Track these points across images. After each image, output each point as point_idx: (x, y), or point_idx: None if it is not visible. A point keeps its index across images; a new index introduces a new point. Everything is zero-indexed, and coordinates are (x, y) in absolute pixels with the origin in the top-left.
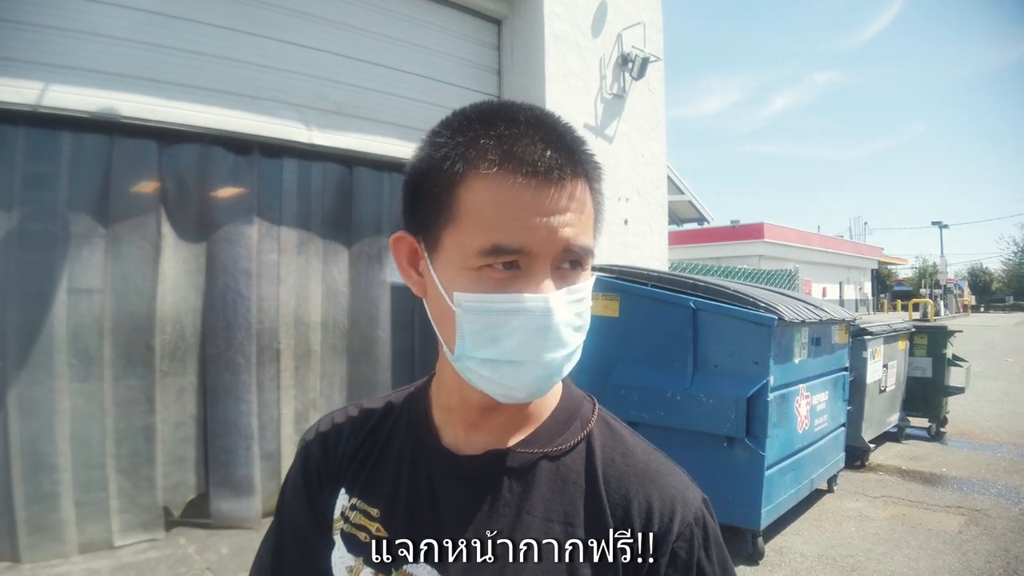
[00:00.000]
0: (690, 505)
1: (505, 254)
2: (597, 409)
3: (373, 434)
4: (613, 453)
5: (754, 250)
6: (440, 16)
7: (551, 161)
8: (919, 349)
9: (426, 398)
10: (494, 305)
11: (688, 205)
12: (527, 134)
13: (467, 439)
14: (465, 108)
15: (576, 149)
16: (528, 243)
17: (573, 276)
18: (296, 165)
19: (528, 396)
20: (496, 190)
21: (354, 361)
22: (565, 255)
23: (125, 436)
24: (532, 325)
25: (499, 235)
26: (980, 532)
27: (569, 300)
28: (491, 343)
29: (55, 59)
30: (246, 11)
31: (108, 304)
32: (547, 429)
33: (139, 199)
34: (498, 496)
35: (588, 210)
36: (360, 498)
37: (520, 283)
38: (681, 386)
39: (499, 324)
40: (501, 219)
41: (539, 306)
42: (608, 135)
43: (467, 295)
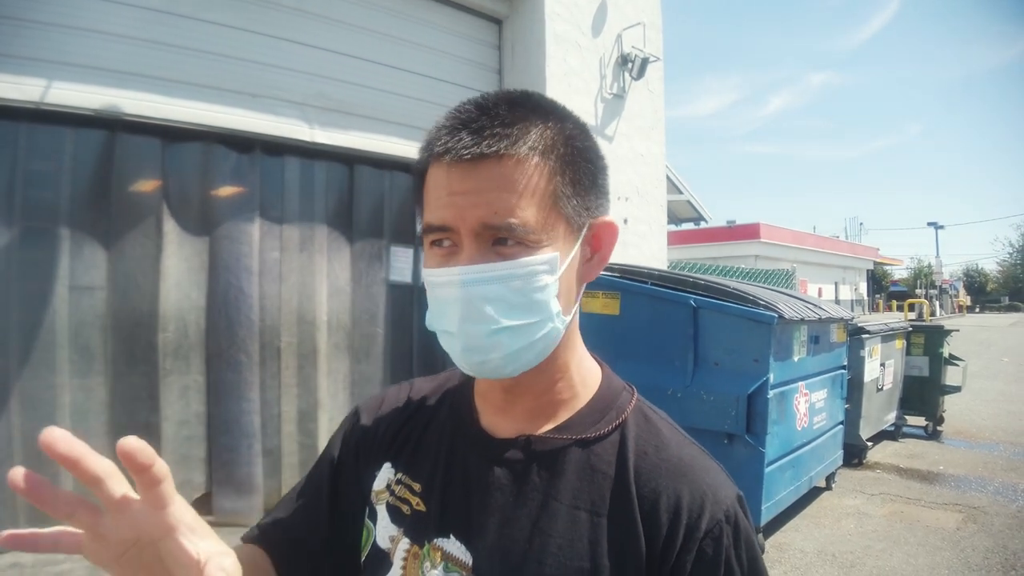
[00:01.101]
0: (721, 502)
1: (432, 232)
2: (635, 399)
3: (419, 411)
4: (646, 445)
5: (750, 250)
6: (441, 15)
7: (464, 142)
8: (916, 348)
9: (470, 382)
10: (431, 278)
11: (687, 205)
12: (460, 120)
13: (500, 423)
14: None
15: (510, 126)
16: (445, 220)
17: (511, 253)
18: (298, 163)
19: (471, 368)
20: (430, 176)
21: (356, 359)
22: (489, 232)
23: (127, 433)
24: (451, 296)
25: (429, 215)
26: (978, 529)
27: (489, 275)
28: (436, 315)
29: (58, 56)
30: (249, 9)
31: (110, 301)
32: (581, 417)
33: (141, 196)
34: (526, 480)
35: (528, 186)
36: (405, 473)
37: (453, 259)
38: (682, 383)
39: (436, 297)
40: (430, 201)
41: (451, 279)
42: (608, 135)
43: (425, 270)
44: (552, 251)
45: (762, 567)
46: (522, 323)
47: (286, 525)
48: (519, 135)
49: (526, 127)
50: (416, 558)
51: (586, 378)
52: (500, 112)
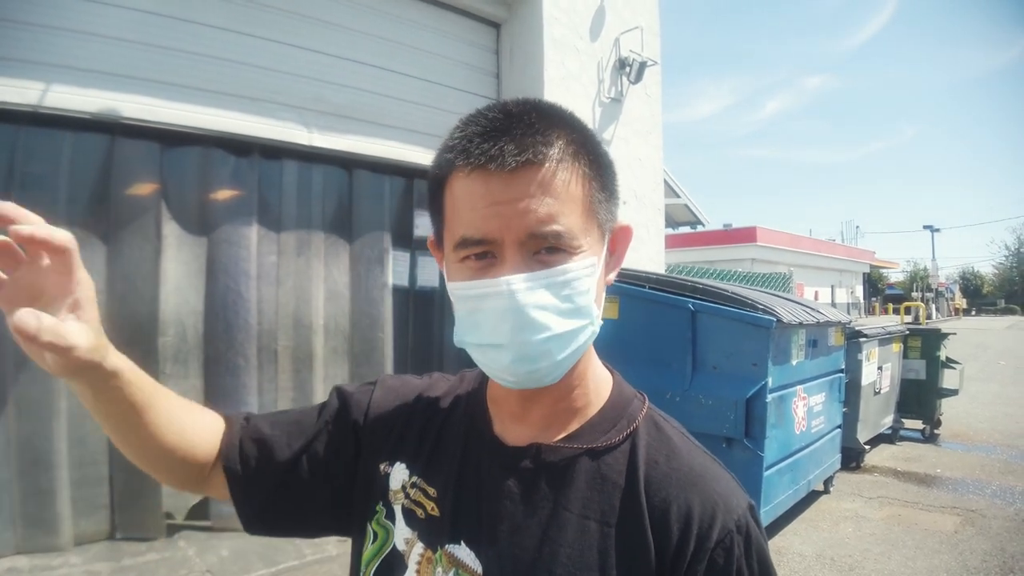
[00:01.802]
0: (732, 511)
1: (471, 245)
2: (646, 408)
3: (436, 412)
4: (657, 454)
5: (747, 254)
6: (440, 20)
7: (502, 150)
8: (913, 351)
9: (483, 387)
10: (469, 291)
11: (684, 208)
12: (491, 129)
13: (513, 430)
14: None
15: (547, 132)
16: (487, 233)
17: (555, 260)
18: (296, 167)
19: (517, 379)
20: (460, 186)
21: (355, 363)
22: (535, 241)
23: None
24: (499, 308)
25: (463, 228)
26: (976, 532)
27: (540, 284)
28: (474, 328)
29: (56, 59)
30: (247, 13)
31: (109, 306)
32: (592, 426)
33: (140, 200)
34: (537, 489)
35: (567, 193)
36: (421, 476)
37: (494, 270)
38: (680, 387)
39: (476, 309)
40: (464, 212)
41: (500, 289)
42: (606, 139)
43: (454, 284)
44: (591, 255)
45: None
46: (571, 328)
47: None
48: (555, 141)
49: (558, 133)
50: (429, 563)
51: (599, 386)
52: (532, 119)
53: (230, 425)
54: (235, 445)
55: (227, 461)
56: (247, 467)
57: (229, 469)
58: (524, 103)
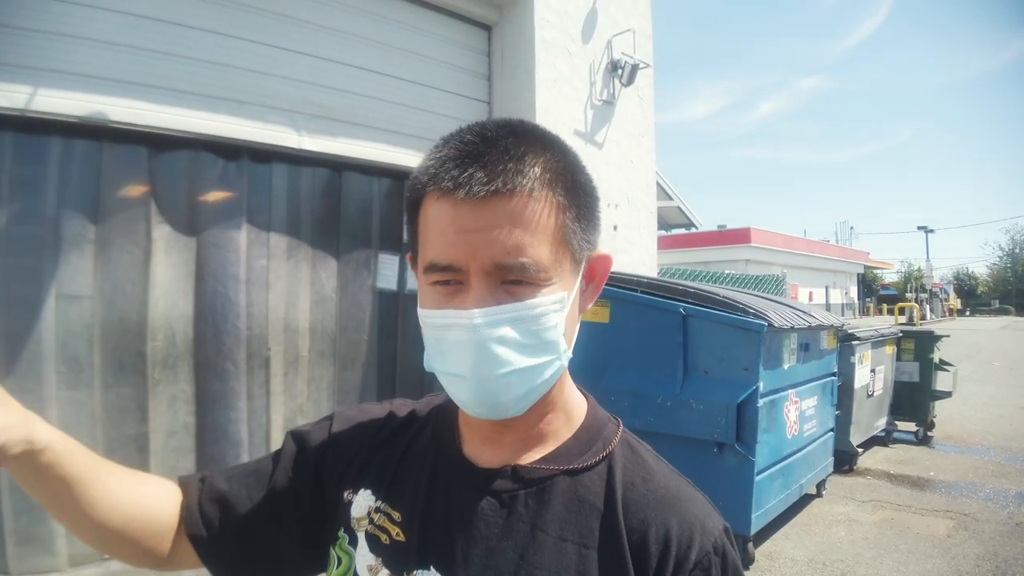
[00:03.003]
0: (709, 533)
1: (437, 271)
2: (621, 431)
3: (398, 435)
4: (634, 476)
5: (741, 255)
6: (430, 22)
7: (471, 177)
8: (906, 354)
9: (454, 409)
10: (434, 320)
11: (676, 210)
12: (463, 152)
13: (485, 453)
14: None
15: (524, 161)
16: (454, 260)
17: (522, 292)
18: (285, 170)
19: (482, 411)
20: (431, 210)
21: (341, 367)
22: (501, 272)
23: (117, 445)
24: (461, 340)
25: (431, 252)
26: (969, 536)
27: (502, 319)
28: (439, 356)
29: (44, 63)
30: (236, 16)
31: (98, 310)
32: (568, 448)
33: (128, 204)
34: (513, 511)
35: (539, 223)
36: (385, 501)
37: (459, 299)
38: (671, 392)
39: (441, 338)
40: (434, 237)
41: (462, 322)
42: (598, 141)
43: (423, 310)
44: (561, 289)
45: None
46: (534, 363)
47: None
48: (528, 170)
49: (533, 160)
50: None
51: (573, 410)
52: (508, 145)
53: (186, 489)
54: (194, 509)
55: (189, 527)
56: (211, 529)
57: (193, 535)
58: (503, 126)
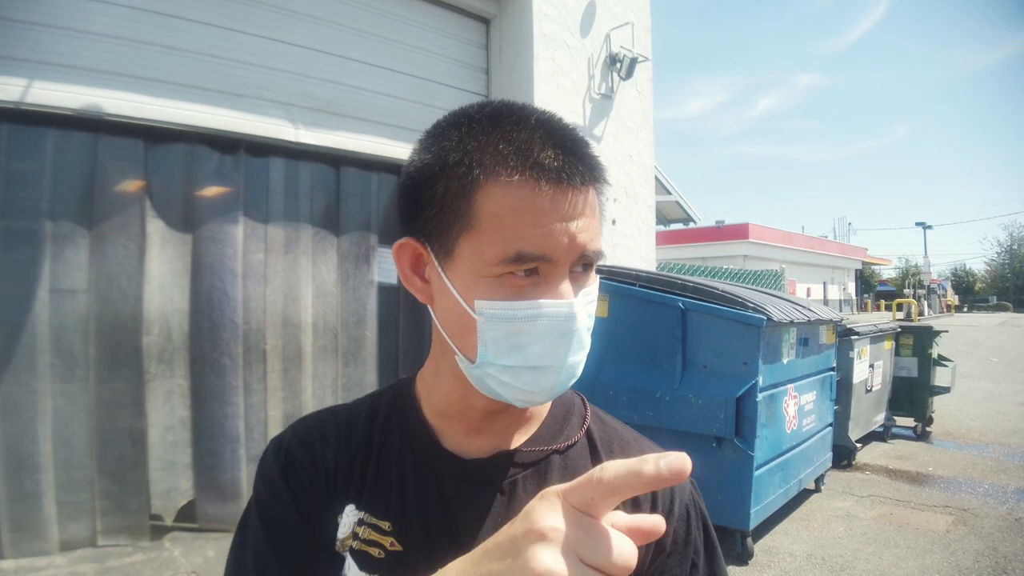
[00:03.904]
0: (684, 488)
1: (528, 261)
2: (588, 404)
3: (364, 442)
4: (611, 445)
5: (739, 250)
6: (428, 15)
7: (567, 166)
8: (905, 349)
9: (414, 404)
10: (518, 312)
11: (675, 205)
12: (542, 139)
13: (471, 443)
14: (467, 109)
15: (587, 153)
16: (550, 250)
17: (585, 278)
18: (283, 164)
19: (547, 399)
20: (517, 196)
21: (343, 362)
22: (581, 259)
23: (111, 438)
24: (557, 330)
25: (522, 243)
26: (968, 531)
27: (586, 303)
28: (515, 350)
29: (39, 56)
30: (233, 8)
31: (92, 305)
32: (548, 427)
33: (124, 198)
34: (514, 496)
35: (597, 212)
36: (368, 512)
37: (540, 289)
38: (670, 387)
39: (523, 331)
40: (522, 226)
41: (563, 311)
42: (596, 135)
43: (490, 303)
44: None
45: (716, 541)
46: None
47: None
48: (594, 161)
49: (592, 153)
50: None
51: None
52: (576, 135)
53: None
54: None
55: None
56: None
57: None
58: (553, 117)
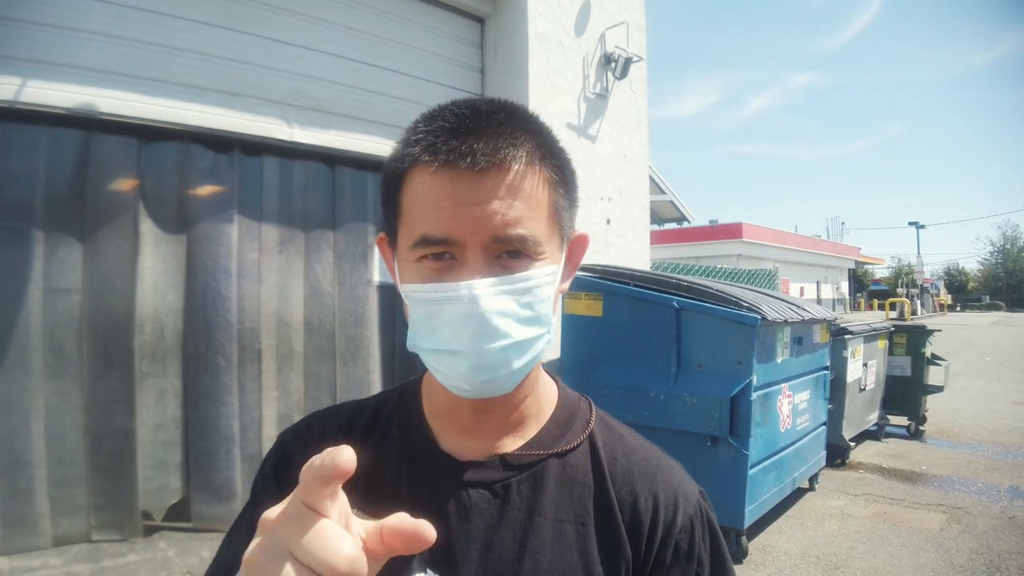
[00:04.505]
0: (690, 498)
1: (432, 244)
2: (594, 409)
3: (363, 439)
4: (615, 451)
5: (733, 250)
6: (423, 14)
7: (474, 149)
8: (898, 348)
9: (417, 403)
10: (428, 294)
11: (669, 205)
12: (459, 126)
13: (465, 444)
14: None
15: (517, 135)
16: (452, 233)
17: (517, 266)
18: (277, 163)
19: (474, 388)
20: (424, 182)
21: (342, 362)
22: (498, 245)
23: (103, 436)
24: (460, 313)
25: (426, 226)
26: (962, 530)
27: (502, 289)
28: (431, 332)
29: (32, 54)
30: (226, 7)
31: (85, 304)
32: (549, 431)
33: (117, 197)
34: (507, 500)
35: (534, 197)
36: (361, 510)
37: (452, 273)
38: (664, 386)
39: (435, 313)
40: (427, 210)
41: (463, 294)
42: (591, 134)
43: (410, 286)
44: (552, 263)
45: (726, 555)
46: (529, 336)
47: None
48: (523, 143)
49: (527, 136)
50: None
51: (547, 392)
52: (502, 119)
53: None
54: None
55: None
56: None
57: None
58: (493, 102)
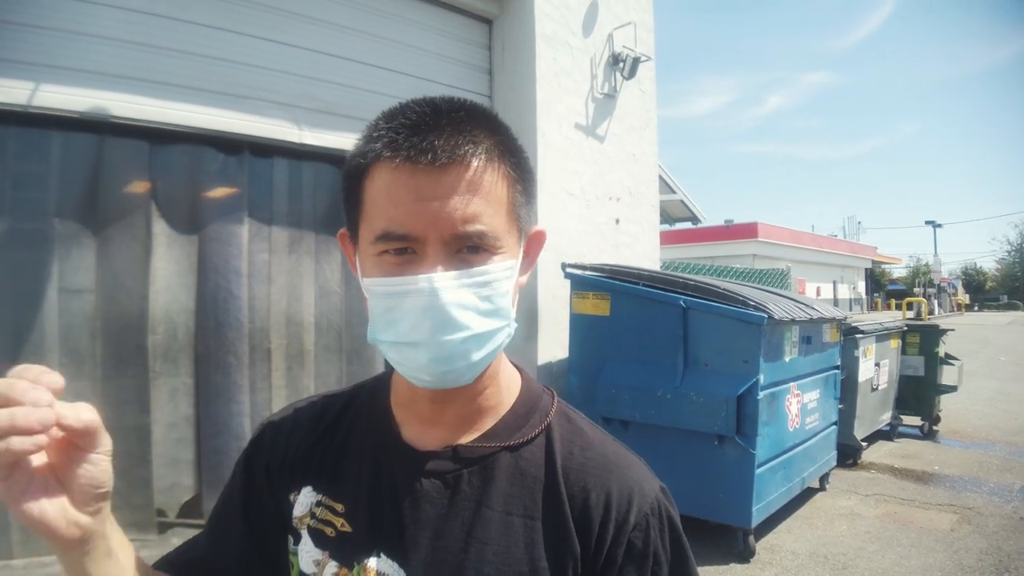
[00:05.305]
0: (647, 496)
1: (393, 240)
2: (556, 402)
3: (333, 428)
4: (572, 445)
5: (748, 249)
6: (431, 16)
7: (434, 145)
8: (911, 348)
9: (386, 393)
10: (387, 288)
11: (680, 205)
12: (419, 123)
13: (425, 434)
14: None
15: (475, 132)
16: (413, 228)
17: (476, 260)
18: (287, 165)
19: (433, 379)
20: (384, 178)
21: (349, 361)
22: (458, 240)
23: (117, 436)
24: (419, 306)
25: (385, 222)
26: (972, 530)
27: (462, 283)
28: (391, 325)
29: (45, 59)
30: (236, 11)
31: (99, 304)
32: (506, 423)
33: (129, 199)
34: (457, 491)
35: (493, 193)
36: (326, 494)
37: (413, 267)
38: (671, 385)
39: (395, 306)
40: (388, 206)
41: (423, 287)
42: (599, 135)
43: (371, 280)
44: (510, 257)
45: (687, 554)
46: (488, 328)
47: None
48: (482, 141)
49: (485, 133)
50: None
51: (510, 383)
52: (461, 117)
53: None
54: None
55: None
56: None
57: None
58: (452, 101)
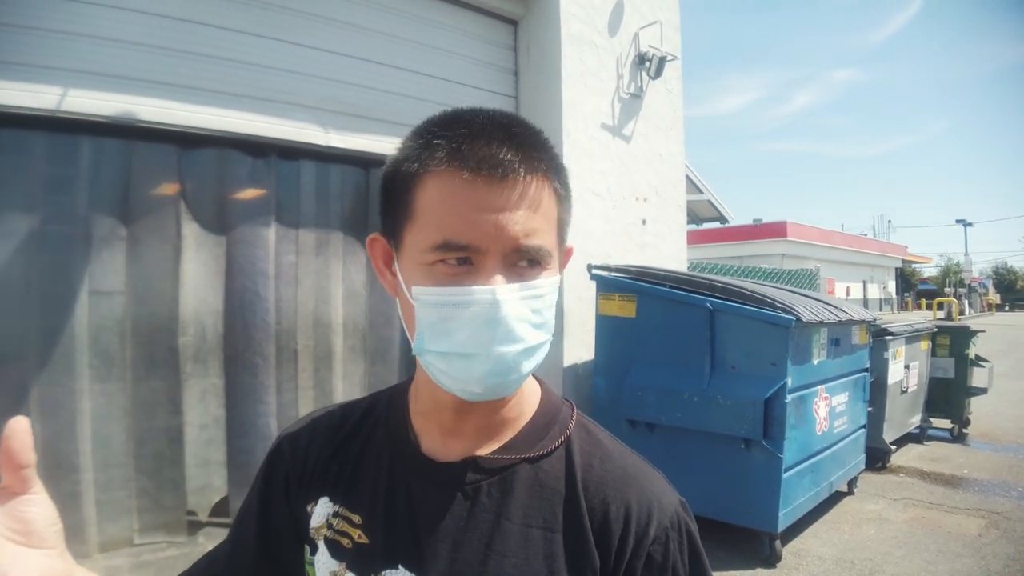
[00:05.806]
0: (666, 509)
1: (454, 250)
2: (576, 414)
3: (351, 439)
4: (591, 458)
5: (776, 249)
6: (455, 18)
7: (500, 159)
8: (941, 350)
9: (405, 403)
10: (446, 297)
11: (707, 204)
12: (481, 134)
13: (445, 445)
14: (432, 116)
15: (534, 149)
16: (476, 239)
17: (530, 274)
18: (313, 167)
19: (484, 391)
20: (445, 187)
21: (371, 362)
22: (518, 254)
23: (148, 437)
24: (481, 317)
25: (448, 231)
26: (1000, 535)
27: (522, 295)
28: (444, 336)
29: (73, 64)
30: (261, 15)
31: (129, 306)
32: (526, 435)
33: (158, 202)
34: (476, 503)
35: (546, 210)
36: (343, 505)
37: (471, 277)
38: (698, 387)
39: (451, 316)
40: (449, 215)
41: (487, 298)
42: (625, 135)
43: (423, 289)
44: (555, 273)
45: (706, 568)
46: (538, 342)
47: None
48: (541, 156)
49: (543, 150)
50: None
51: (530, 395)
52: (519, 132)
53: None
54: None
55: None
56: None
57: None
58: (506, 114)
